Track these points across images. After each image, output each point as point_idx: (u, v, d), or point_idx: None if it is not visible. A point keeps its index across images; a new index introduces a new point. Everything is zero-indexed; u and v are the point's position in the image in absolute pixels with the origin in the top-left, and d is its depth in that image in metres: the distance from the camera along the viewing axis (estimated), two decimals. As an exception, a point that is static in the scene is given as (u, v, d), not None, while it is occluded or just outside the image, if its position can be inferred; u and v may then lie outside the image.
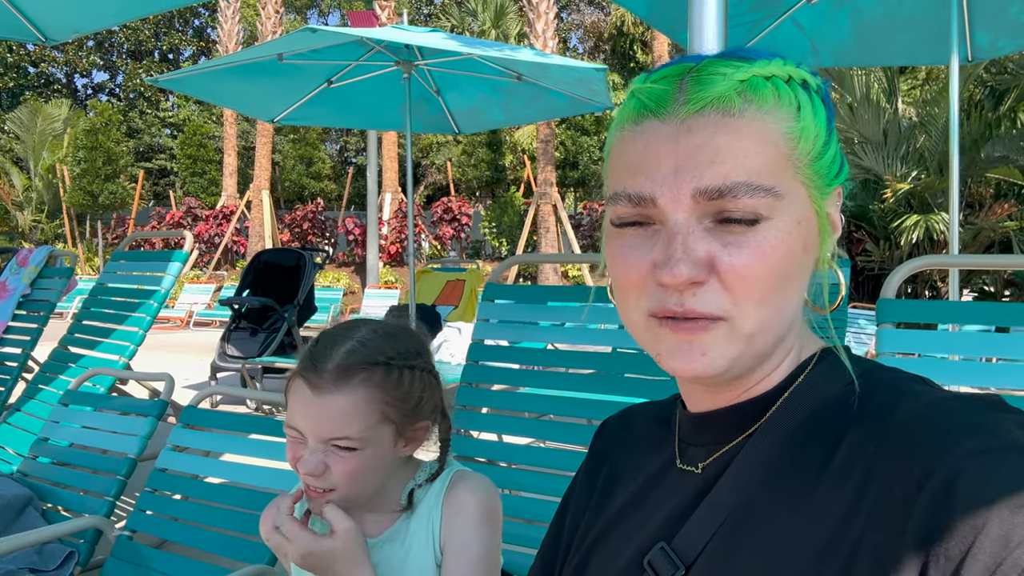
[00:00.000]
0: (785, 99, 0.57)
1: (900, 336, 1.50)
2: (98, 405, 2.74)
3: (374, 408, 1.03)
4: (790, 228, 0.56)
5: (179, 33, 33.12)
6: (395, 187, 17.84)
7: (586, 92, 5.45)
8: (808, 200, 0.57)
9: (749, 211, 0.54)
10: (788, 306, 0.58)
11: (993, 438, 0.47)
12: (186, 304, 13.63)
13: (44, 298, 3.92)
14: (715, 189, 0.54)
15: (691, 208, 0.55)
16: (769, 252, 0.54)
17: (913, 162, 9.32)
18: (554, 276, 14.92)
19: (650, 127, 0.57)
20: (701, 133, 0.55)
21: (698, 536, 0.59)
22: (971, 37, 4.10)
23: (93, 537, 2.27)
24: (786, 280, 0.56)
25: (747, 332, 0.56)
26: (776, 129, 0.56)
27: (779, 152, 0.56)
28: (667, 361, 0.58)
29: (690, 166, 0.55)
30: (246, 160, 22.91)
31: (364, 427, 1.03)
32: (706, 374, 0.56)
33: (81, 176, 19.06)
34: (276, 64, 5.07)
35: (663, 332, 0.57)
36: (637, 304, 0.59)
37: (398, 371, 1.06)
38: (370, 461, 1.04)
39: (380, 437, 1.05)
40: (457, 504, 1.11)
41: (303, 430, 1.03)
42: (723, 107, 0.55)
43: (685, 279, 0.53)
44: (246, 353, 6.31)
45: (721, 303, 0.55)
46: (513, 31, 21.98)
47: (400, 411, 1.06)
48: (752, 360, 0.58)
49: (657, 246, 0.56)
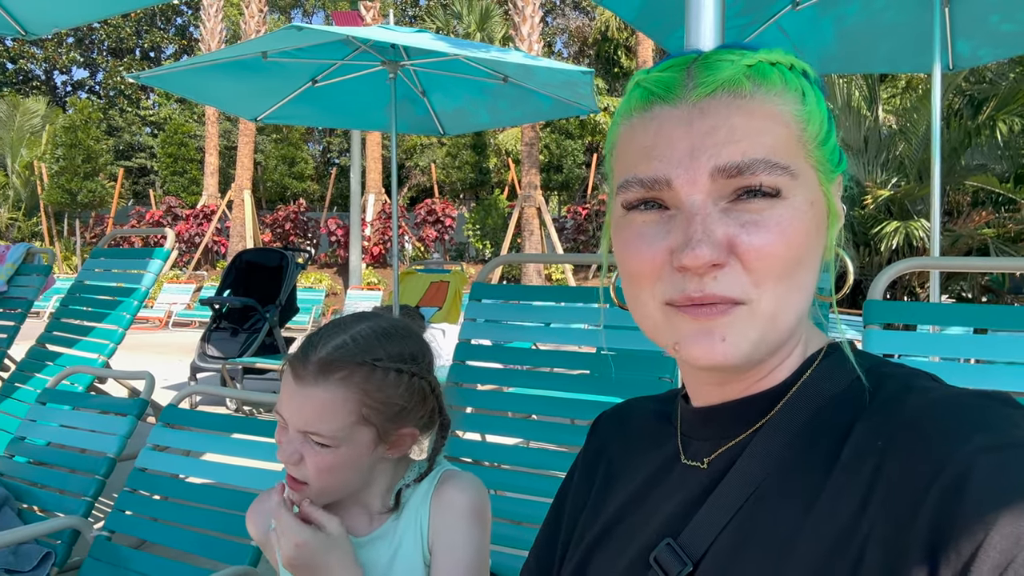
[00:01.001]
0: (791, 84, 0.57)
1: (887, 337, 1.51)
2: (76, 404, 2.70)
3: (350, 408, 1.01)
4: (804, 208, 0.56)
5: (161, 31, 32.83)
6: (379, 188, 17.79)
7: (572, 95, 5.45)
8: (817, 183, 0.58)
9: (770, 185, 0.54)
10: (806, 288, 0.57)
11: (1003, 434, 0.47)
12: (165, 304, 13.48)
13: (21, 296, 3.87)
14: (734, 166, 0.54)
15: (708, 189, 0.54)
16: (788, 230, 0.54)
17: (893, 169, 9.43)
18: (538, 279, 14.93)
19: (661, 112, 0.57)
20: (714, 115, 0.55)
21: (706, 532, 0.58)
22: (952, 46, 4.16)
23: (71, 538, 2.23)
24: (802, 261, 0.56)
25: (768, 312, 0.55)
26: (786, 110, 0.56)
27: (790, 132, 0.56)
28: (687, 350, 0.56)
29: (707, 146, 0.54)
30: (228, 159, 22.76)
31: (338, 426, 1.01)
32: (727, 362, 0.55)
33: (59, 174, 18.84)
34: (260, 62, 5.03)
35: (681, 320, 0.56)
36: (652, 294, 0.57)
37: (383, 373, 1.03)
38: (344, 460, 1.02)
39: (357, 438, 1.03)
40: (445, 503, 1.09)
41: (287, 418, 1.03)
42: (734, 89, 0.56)
43: (707, 261, 0.53)
44: (226, 353, 6.25)
45: (743, 285, 0.54)
46: (498, 34, 22.00)
47: (381, 415, 1.04)
48: (773, 343, 0.57)
49: (673, 231, 0.55)
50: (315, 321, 11.76)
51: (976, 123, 9.11)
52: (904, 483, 0.48)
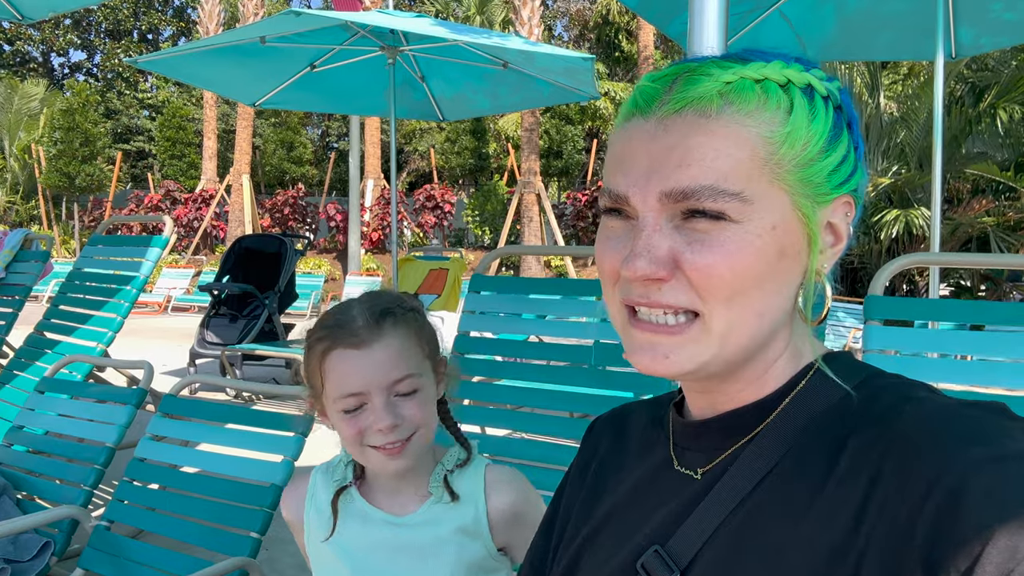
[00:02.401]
0: (773, 102, 0.56)
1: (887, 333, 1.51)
2: (75, 393, 2.70)
3: (412, 343, 1.08)
4: (760, 232, 0.55)
5: (159, 13, 32.59)
6: (377, 173, 17.71)
7: (572, 81, 5.42)
8: (790, 207, 0.56)
9: (715, 209, 0.54)
10: (766, 310, 0.57)
11: (999, 447, 0.47)
12: (164, 289, 13.46)
13: (19, 282, 3.86)
14: (679, 192, 0.54)
15: (658, 208, 0.56)
16: (735, 253, 0.54)
17: (894, 157, 9.41)
18: (537, 266, 14.92)
19: (635, 125, 0.58)
20: (675, 133, 0.56)
21: (693, 540, 0.58)
22: (955, 33, 4.13)
23: (69, 527, 2.23)
24: (757, 283, 0.55)
25: (719, 331, 0.56)
26: (755, 133, 0.55)
27: (755, 155, 0.55)
28: (631, 358, 0.60)
29: (659, 167, 0.55)
30: (226, 143, 22.65)
31: (416, 361, 1.07)
32: (668, 374, 0.58)
33: (57, 157, 18.75)
34: (258, 47, 5.00)
35: (631, 329, 0.59)
36: (614, 294, 0.61)
37: (410, 313, 1.11)
38: (429, 396, 1.10)
39: (427, 371, 1.10)
40: (511, 509, 1.14)
41: (363, 389, 1.04)
42: (700, 108, 0.55)
43: (642, 274, 0.55)
44: (226, 340, 6.24)
45: (690, 297, 0.56)
46: (498, 18, 21.84)
47: (429, 346, 1.12)
48: (727, 362, 0.58)
49: (627, 242, 0.58)
50: (314, 307, 11.76)
51: (977, 111, 9.08)
52: (900, 496, 0.48)
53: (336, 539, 1.14)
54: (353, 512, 1.15)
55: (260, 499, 1.92)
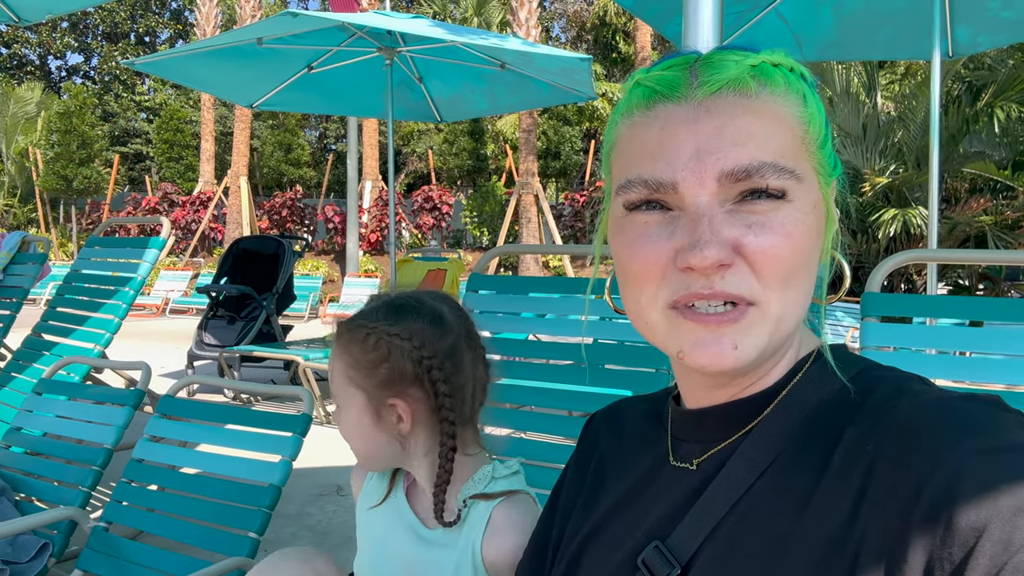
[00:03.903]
0: (794, 86, 0.57)
1: (884, 330, 1.51)
2: (73, 394, 2.69)
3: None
4: (807, 211, 0.56)
5: (156, 15, 32.57)
6: (376, 175, 17.70)
7: (570, 82, 5.43)
8: (817, 186, 0.58)
9: (777, 187, 0.54)
10: (807, 292, 0.58)
11: (994, 438, 0.47)
12: (162, 291, 13.44)
13: (17, 284, 3.85)
14: (742, 170, 0.53)
15: (714, 191, 0.54)
16: (793, 232, 0.54)
17: (891, 156, 9.41)
18: (535, 266, 14.92)
19: (665, 111, 0.56)
20: (720, 114, 0.54)
21: (694, 535, 0.58)
22: (952, 32, 4.14)
23: (68, 528, 2.23)
24: (807, 263, 0.56)
25: (775, 316, 0.55)
26: (790, 112, 0.56)
27: (795, 135, 0.56)
28: (694, 356, 0.56)
29: (712, 148, 0.54)
30: (224, 145, 22.62)
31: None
32: (736, 367, 0.55)
33: (55, 160, 18.72)
34: (255, 48, 5.00)
35: (686, 325, 0.56)
36: (655, 295, 0.57)
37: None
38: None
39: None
40: (510, 558, 1.00)
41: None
42: (740, 89, 0.55)
43: (714, 261, 0.52)
44: (224, 342, 6.24)
45: (750, 285, 0.54)
46: (496, 19, 21.85)
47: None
48: (776, 347, 0.58)
49: (678, 232, 0.55)
50: (312, 308, 11.74)
51: (974, 110, 9.08)
52: (895, 487, 0.48)
53: (372, 520, 1.16)
54: (395, 505, 1.16)
55: (258, 499, 1.91)
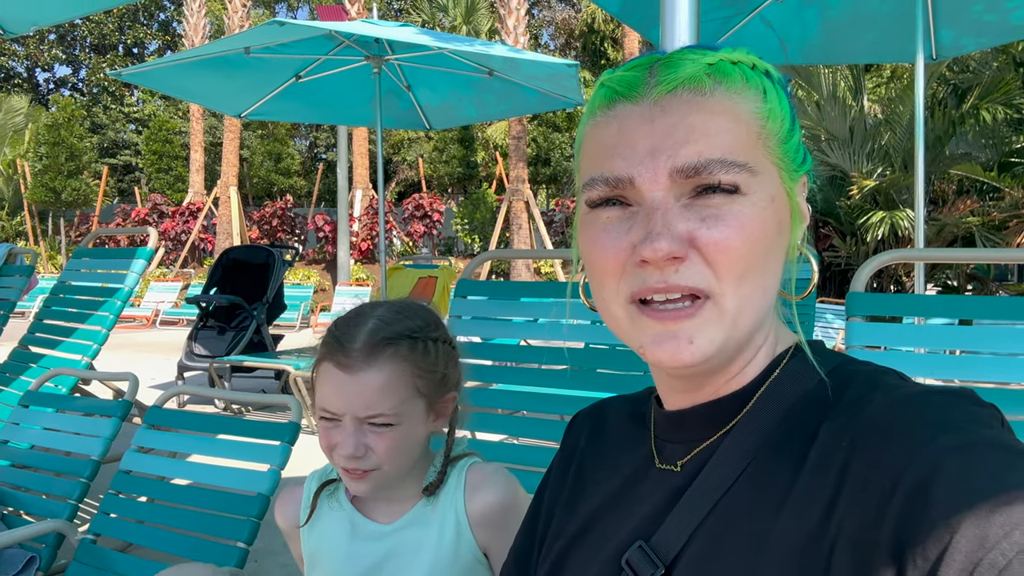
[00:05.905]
0: (752, 82, 0.58)
1: (869, 329, 1.51)
2: (60, 406, 2.67)
3: (406, 381, 1.05)
4: (764, 204, 0.56)
5: (144, 27, 32.50)
6: (366, 183, 17.70)
7: (558, 88, 5.45)
8: (779, 180, 0.58)
9: (728, 182, 0.54)
10: (768, 287, 0.58)
11: (968, 434, 0.47)
12: (152, 302, 13.37)
13: (4, 297, 3.83)
14: (691, 167, 0.54)
15: (668, 186, 0.55)
16: (747, 224, 0.55)
17: (879, 159, 9.47)
18: (527, 273, 14.93)
19: (623, 110, 0.58)
20: (674, 113, 0.56)
21: (677, 534, 0.58)
22: (935, 35, 4.17)
23: (55, 541, 2.21)
24: (764, 258, 0.56)
25: (731, 311, 0.56)
26: (746, 108, 0.57)
27: (750, 130, 0.57)
28: (652, 352, 0.57)
29: (665, 146, 0.55)
30: (213, 156, 22.59)
31: (398, 401, 1.04)
32: (693, 362, 0.56)
33: (43, 172, 18.63)
34: (243, 58, 5.00)
35: (646, 322, 0.56)
36: (617, 290, 0.58)
37: (423, 344, 1.08)
38: (407, 435, 1.06)
39: (414, 411, 1.07)
40: (489, 507, 1.11)
41: (338, 411, 1.03)
42: (694, 87, 0.56)
43: (666, 253, 0.53)
44: (214, 352, 6.21)
45: (705, 278, 0.54)
46: (484, 27, 21.92)
47: (429, 383, 1.08)
48: (736, 345, 0.58)
49: (635, 227, 0.56)
50: (303, 318, 11.71)
51: (960, 112, 9.15)
52: (870, 483, 0.48)
53: (324, 549, 1.13)
54: (341, 521, 1.14)
55: (247, 509, 1.90)
